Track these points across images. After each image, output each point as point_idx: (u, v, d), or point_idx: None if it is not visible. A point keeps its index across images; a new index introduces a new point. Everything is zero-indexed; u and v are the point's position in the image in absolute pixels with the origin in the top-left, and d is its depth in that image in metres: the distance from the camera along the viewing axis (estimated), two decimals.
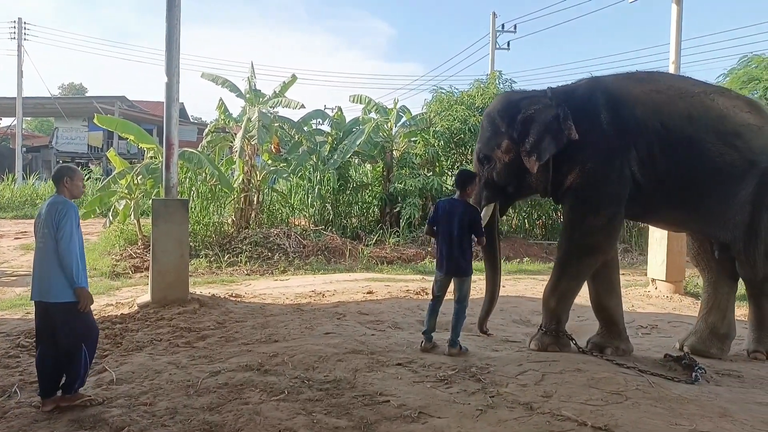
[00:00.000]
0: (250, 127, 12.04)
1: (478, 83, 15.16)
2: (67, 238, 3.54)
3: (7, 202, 19.76)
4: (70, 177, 3.78)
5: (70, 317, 3.60)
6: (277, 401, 3.74)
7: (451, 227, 4.73)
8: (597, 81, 5.09)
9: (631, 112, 4.72)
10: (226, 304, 6.79)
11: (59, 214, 3.57)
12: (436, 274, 4.97)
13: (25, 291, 8.01)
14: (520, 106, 4.88)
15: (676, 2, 9.23)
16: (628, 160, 4.68)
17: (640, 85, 4.90)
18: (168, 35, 6.76)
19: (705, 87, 5.01)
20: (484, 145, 5.04)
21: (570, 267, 4.92)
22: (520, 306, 7.31)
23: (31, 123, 48.84)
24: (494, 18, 25.15)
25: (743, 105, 4.93)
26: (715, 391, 4.11)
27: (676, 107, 4.73)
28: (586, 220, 4.81)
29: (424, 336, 4.91)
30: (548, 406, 3.63)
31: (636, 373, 4.35)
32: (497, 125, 4.96)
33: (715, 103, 4.78)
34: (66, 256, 3.53)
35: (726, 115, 4.74)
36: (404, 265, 11.40)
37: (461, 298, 4.83)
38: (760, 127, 4.80)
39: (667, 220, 5.52)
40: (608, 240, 4.86)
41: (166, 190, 6.94)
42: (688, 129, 4.67)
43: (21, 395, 3.89)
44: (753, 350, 5.12)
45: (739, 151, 4.68)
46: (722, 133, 4.67)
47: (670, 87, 4.89)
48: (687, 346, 5.17)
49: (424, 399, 3.76)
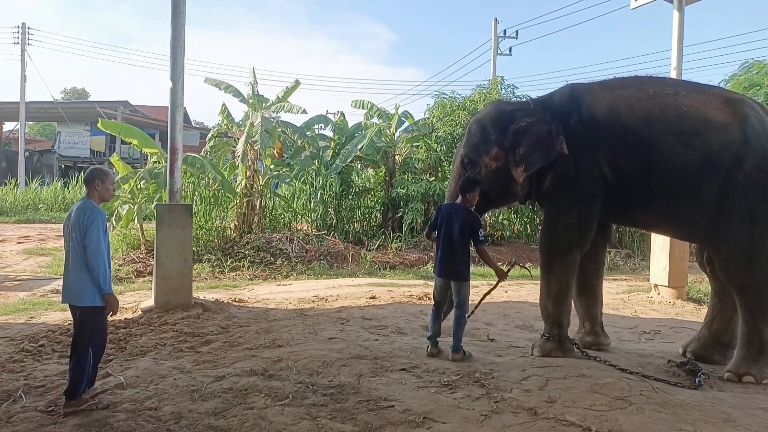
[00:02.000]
0: (252, 132, 12.07)
1: (481, 89, 15.18)
2: (95, 244, 3.60)
3: (9, 206, 19.78)
4: (101, 180, 3.80)
5: (90, 320, 3.71)
6: (281, 406, 3.75)
7: (451, 232, 4.78)
8: (570, 88, 5.20)
9: (595, 115, 4.84)
10: (230, 309, 6.80)
11: (87, 220, 3.62)
12: (436, 279, 5.02)
13: (29, 295, 8.04)
14: (514, 116, 4.98)
15: (677, 8, 9.24)
16: (597, 159, 4.77)
17: (609, 90, 4.98)
18: (173, 41, 6.79)
19: (680, 87, 4.95)
20: (470, 150, 5.09)
21: (553, 267, 4.99)
22: (523, 311, 7.32)
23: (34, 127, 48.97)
24: (496, 24, 25.24)
25: (716, 102, 4.72)
26: (719, 397, 4.12)
27: (635, 109, 4.75)
28: (559, 220, 4.95)
29: (429, 341, 4.93)
30: (552, 411, 3.64)
31: (639, 378, 4.35)
32: (487, 132, 5.03)
33: (678, 102, 4.70)
34: (94, 261, 3.60)
35: (686, 114, 4.64)
36: (407, 270, 11.41)
37: (460, 303, 4.84)
38: (724, 124, 4.57)
39: (644, 222, 5.50)
40: (582, 236, 4.92)
41: (169, 195, 6.96)
42: (645, 130, 4.68)
43: (26, 400, 3.90)
44: (735, 371, 4.58)
45: (696, 150, 4.57)
46: (679, 133, 4.60)
47: (638, 90, 4.89)
48: (690, 352, 5.18)
49: (429, 404, 3.77)
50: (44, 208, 20.07)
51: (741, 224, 4.53)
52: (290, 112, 13.00)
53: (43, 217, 18.96)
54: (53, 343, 5.33)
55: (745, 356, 4.63)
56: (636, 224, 6.16)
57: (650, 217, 5.07)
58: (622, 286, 10.20)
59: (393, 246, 12.78)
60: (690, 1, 9.38)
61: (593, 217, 4.91)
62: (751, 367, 4.56)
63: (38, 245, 12.98)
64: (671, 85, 5.03)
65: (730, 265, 4.65)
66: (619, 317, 7.28)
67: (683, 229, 5.02)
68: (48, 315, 6.77)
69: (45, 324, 6.19)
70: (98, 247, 3.61)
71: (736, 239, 4.55)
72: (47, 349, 5.15)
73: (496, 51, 24.85)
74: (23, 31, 29.90)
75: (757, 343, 4.60)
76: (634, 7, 10.18)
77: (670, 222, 5.00)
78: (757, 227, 4.54)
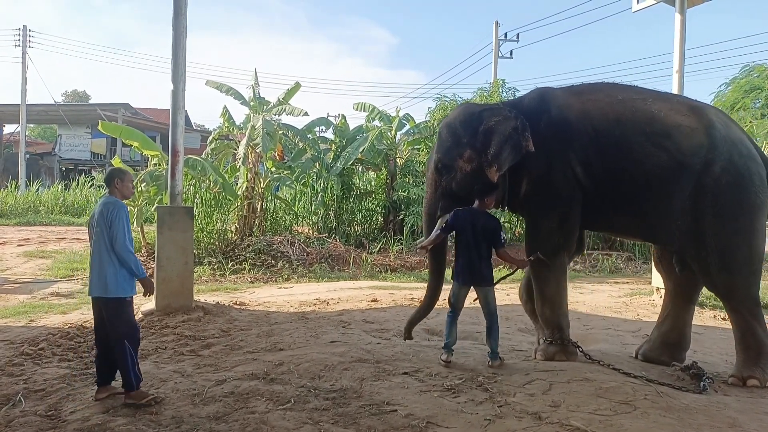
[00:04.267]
0: (254, 135, 12.05)
1: (482, 91, 15.19)
2: (122, 235, 3.79)
3: (10, 208, 19.75)
4: (120, 179, 4.02)
5: (118, 313, 3.85)
6: (283, 410, 3.72)
7: (475, 237, 4.69)
8: (539, 91, 5.20)
9: (566, 117, 4.81)
10: (231, 312, 6.77)
11: (111, 214, 3.82)
12: (454, 286, 4.85)
13: (29, 298, 8.01)
14: (482, 117, 4.93)
15: (679, 11, 9.22)
16: (569, 161, 4.74)
17: (577, 95, 5.00)
18: (174, 44, 6.77)
19: (647, 94, 4.98)
20: (443, 155, 5.01)
21: (542, 273, 4.93)
22: (525, 315, 7.24)
23: (35, 130, 49.02)
24: (497, 27, 25.26)
25: (682, 108, 4.79)
26: (724, 401, 4.08)
27: (606, 111, 4.76)
28: (541, 225, 4.92)
29: (446, 349, 4.75)
30: (556, 416, 3.61)
31: (644, 382, 4.32)
32: (458, 135, 4.97)
33: (647, 106, 4.73)
34: (123, 252, 3.80)
35: (656, 117, 4.67)
36: (408, 273, 11.38)
37: (491, 311, 4.75)
38: (692, 128, 4.61)
39: (618, 227, 5.41)
40: (567, 239, 4.90)
41: (170, 198, 6.94)
42: (616, 131, 4.68)
43: (26, 404, 3.88)
44: (739, 375, 4.57)
45: (667, 152, 4.58)
46: (650, 135, 4.61)
47: (607, 95, 4.93)
48: (641, 355, 5.18)
49: (432, 408, 3.73)
50: (45, 211, 20.04)
51: (714, 229, 4.55)
52: (292, 114, 12.99)
53: (43, 219, 18.93)
54: (53, 346, 5.30)
55: (745, 360, 4.61)
56: (610, 230, 6.06)
57: (623, 221, 5.01)
58: (623, 289, 10.17)
59: (394, 249, 12.75)
60: (692, 4, 9.36)
61: (575, 218, 4.88)
62: (754, 370, 4.53)
63: (38, 248, 12.95)
64: (638, 92, 5.04)
65: (711, 271, 4.64)
66: (621, 320, 7.25)
67: (657, 234, 4.92)
68: (48, 318, 6.74)
69: (45, 327, 6.16)
70: (125, 238, 3.80)
71: (712, 244, 4.55)
72: (47, 353, 5.13)
73: (497, 54, 24.86)
74: (24, 34, 29.93)
75: (754, 345, 4.58)
76: (636, 10, 10.17)
77: (643, 225, 4.93)
78: (729, 231, 4.56)
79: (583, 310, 7.89)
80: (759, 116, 21.21)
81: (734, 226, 4.56)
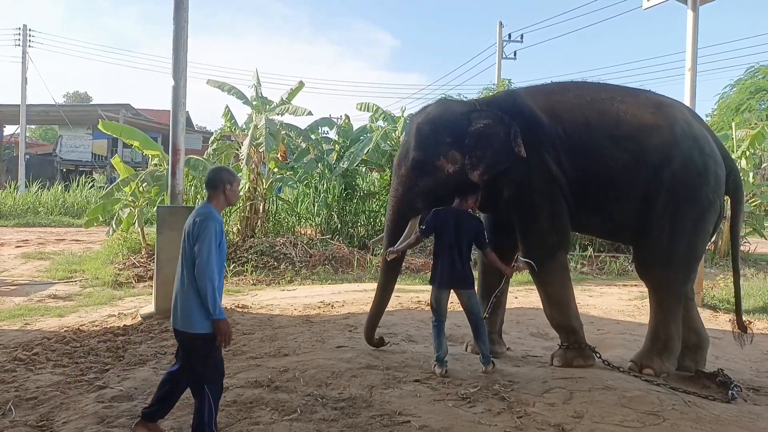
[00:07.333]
0: (257, 135, 11.83)
1: (488, 91, 14.99)
2: (205, 258, 3.02)
3: (9, 210, 19.55)
4: (230, 182, 3.25)
5: (205, 353, 3.12)
6: (289, 421, 3.50)
7: (458, 238, 4.48)
8: (509, 92, 5.26)
9: (538, 119, 4.77)
10: (233, 316, 6.54)
11: (199, 227, 3.06)
12: (434, 290, 4.60)
13: (25, 301, 7.80)
14: (471, 118, 4.78)
15: (691, 8, 9.01)
16: (545, 161, 4.70)
17: (548, 95, 5.00)
18: (175, 37, 6.58)
19: (615, 92, 4.96)
20: (424, 153, 4.77)
21: (543, 276, 4.82)
22: (536, 318, 7.04)
23: (35, 131, 48.91)
24: (501, 28, 25.08)
25: (648, 106, 4.80)
26: (756, 411, 3.87)
27: (575, 114, 4.77)
28: (532, 228, 4.82)
29: (439, 362, 4.47)
30: (581, 428, 3.39)
31: (668, 390, 4.11)
32: (441, 134, 4.77)
33: (615, 108, 4.75)
34: (201, 279, 3.02)
35: (622, 119, 4.70)
36: (413, 275, 11.16)
37: (475, 314, 4.57)
38: (657, 126, 4.66)
39: (590, 229, 5.51)
40: (561, 237, 4.84)
41: (171, 197, 6.73)
42: (585, 135, 4.70)
43: (16, 413, 3.66)
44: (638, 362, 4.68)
45: (632, 153, 4.63)
46: (616, 138, 4.65)
47: (576, 96, 4.92)
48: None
49: (447, 419, 3.51)
50: (44, 212, 19.85)
51: (662, 221, 4.61)
52: (295, 114, 12.76)
53: (42, 220, 18.74)
54: (48, 351, 5.09)
55: (649, 349, 4.74)
56: (583, 230, 5.91)
57: (593, 221, 5.01)
58: (633, 292, 9.93)
59: None
60: (704, 1, 9.14)
61: (564, 215, 4.80)
62: (654, 360, 4.63)
63: (37, 249, 12.75)
64: (607, 90, 5.05)
65: (647, 260, 4.78)
66: (636, 324, 7.01)
67: (623, 233, 5.08)
68: (44, 321, 6.53)
69: (40, 331, 5.95)
70: (208, 261, 3.02)
71: (657, 236, 4.62)
72: (41, 358, 4.91)
73: (501, 55, 24.66)
74: (24, 33, 29.76)
75: (663, 338, 4.69)
76: (647, 7, 9.96)
77: (611, 225, 5.01)
78: (678, 225, 4.60)
79: (596, 314, 7.68)
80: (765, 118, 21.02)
81: (682, 222, 4.61)
